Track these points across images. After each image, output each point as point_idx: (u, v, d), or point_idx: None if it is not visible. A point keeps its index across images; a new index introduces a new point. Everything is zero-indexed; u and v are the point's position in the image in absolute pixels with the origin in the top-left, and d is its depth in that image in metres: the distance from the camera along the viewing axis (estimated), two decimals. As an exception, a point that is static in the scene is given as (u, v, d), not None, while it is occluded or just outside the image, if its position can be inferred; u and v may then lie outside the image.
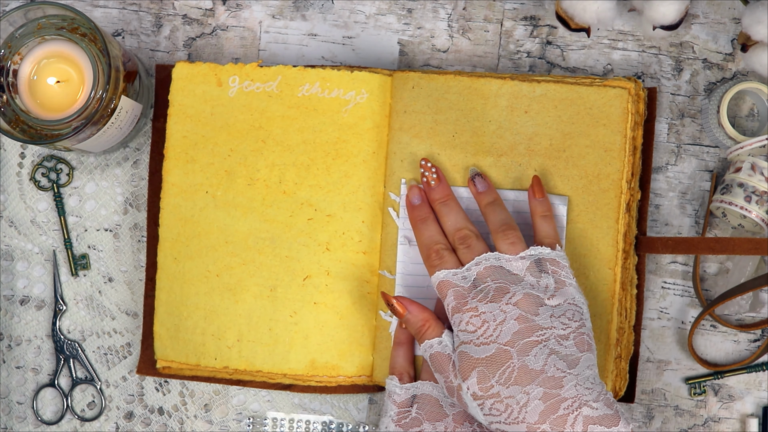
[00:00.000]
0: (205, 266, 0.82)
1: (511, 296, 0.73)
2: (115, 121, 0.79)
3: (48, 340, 0.87)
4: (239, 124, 0.82)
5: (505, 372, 0.70)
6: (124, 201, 0.87)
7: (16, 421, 0.87)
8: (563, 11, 0.81)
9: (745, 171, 0.82)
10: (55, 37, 0.78)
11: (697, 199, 0.87)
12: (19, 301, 0.87)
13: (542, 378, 0.70)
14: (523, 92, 0.81)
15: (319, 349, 0.81)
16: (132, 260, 0.87)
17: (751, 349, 0.87)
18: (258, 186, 0.82)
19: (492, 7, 0.87)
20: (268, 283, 0.81)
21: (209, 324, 0.81)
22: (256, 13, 0.87)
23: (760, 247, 0.76)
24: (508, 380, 0.70)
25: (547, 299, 0.73)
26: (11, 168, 0.87)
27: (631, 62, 0.87)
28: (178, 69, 0.82)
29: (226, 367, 0.82)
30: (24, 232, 0.87)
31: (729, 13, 0.87)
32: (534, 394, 0.69)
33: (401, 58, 0.87)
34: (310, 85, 0.82)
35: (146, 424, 0.87)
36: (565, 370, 0.70)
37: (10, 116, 0.78)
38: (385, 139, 0.82)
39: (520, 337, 0.71)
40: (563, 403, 0.69)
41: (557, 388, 0.69)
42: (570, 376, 0.70)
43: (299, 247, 0.81)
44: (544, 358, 0.70)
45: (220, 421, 0.87)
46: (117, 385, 0.87)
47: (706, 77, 0.87)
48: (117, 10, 0.88)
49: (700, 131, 0.87)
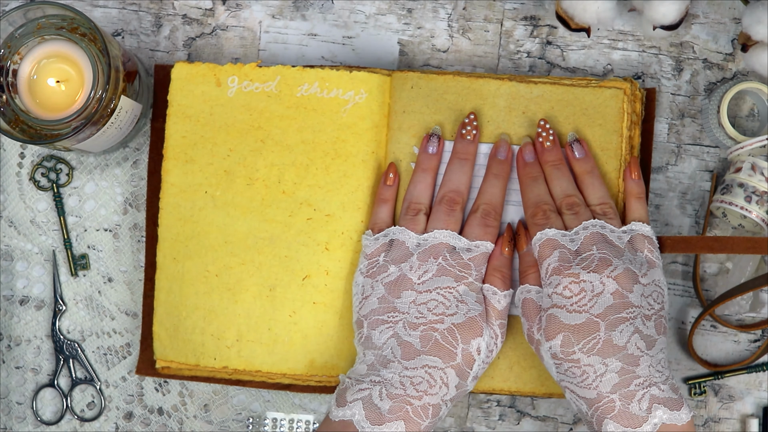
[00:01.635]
0: (204, 266, 0.82)
1: (613, 269, 0.73)
2: (115, 121, 0.79)
3: (48, 341, 0.87)
4: (238, 124, 0.82)
5: (590, 342, 0.72)
6: (123, 201, 0.87)
7: (16, 421, 0.87)
8: (563, 11, 0.81)
9: (746, 171, 0.82)
10: (55, 37, 0.78)
11: (697, 199, 0.87)
12: (18, 301, 0.87)
13: (623, 354, 0.72)
14: (520, 93, 0.81)
15: (319, 348, 0.81)
16: (131, 260, 0.87)
17: (751, 350, 0.87)
18: (257, 186, 0.82)
19: (492, 7, 0.87)
20: (267, 282, 0.81)
21: (208, 324, 0.81)
22: (256, 13, 0.87)
23: (760, 246, 0.76)
24: (591, 350, 0.72)
25: (641, 277, 0.74)
26: (11, 168, 0.87)
27: (631, 62, 0.87)
28: (178, 69, 0.82)
29: (226, 367, 0.82)
30: (24, 232, 0.87)
31: (729, 13, 0.87)
32: (612, 366, 0.72)
33: (401, 58, 0.87)
34: (309, 85, 0.82)
35: (146, 424, 0.87)
36: (644, 350, 0.72)
37: (9, 116, 0.78)
38: (384, 139, 0.82)
39: (611, 312, 0.73)
40: (636, 380, 0.72)
41: (633, 366, 0.72)
42: (646, 357, 0.72)
43: (298, 247, 0.81)
44: (628, 336, 0.72)
45: (220, 421, 0.87)
46: (117, 385, 0.87)
47: (706, 77, 0.87)
48: (117, 10, 0.88)
49: (700, 131, 0.87)
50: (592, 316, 0.72)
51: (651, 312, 0.74)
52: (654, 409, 0.71)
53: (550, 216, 0.77)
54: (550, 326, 0.73)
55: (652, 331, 0.73)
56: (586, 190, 0.79)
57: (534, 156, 0.80)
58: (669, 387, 0.72)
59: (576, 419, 0.87)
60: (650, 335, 0.73)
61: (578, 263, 0.74)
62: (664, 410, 0.71)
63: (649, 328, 0.73)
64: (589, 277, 0.73)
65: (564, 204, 0.78)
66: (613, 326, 0.72)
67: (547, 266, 0.75)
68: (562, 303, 0.73)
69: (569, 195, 0.78)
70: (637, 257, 0.76)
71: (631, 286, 0.73)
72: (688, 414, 0.72)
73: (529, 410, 0.87)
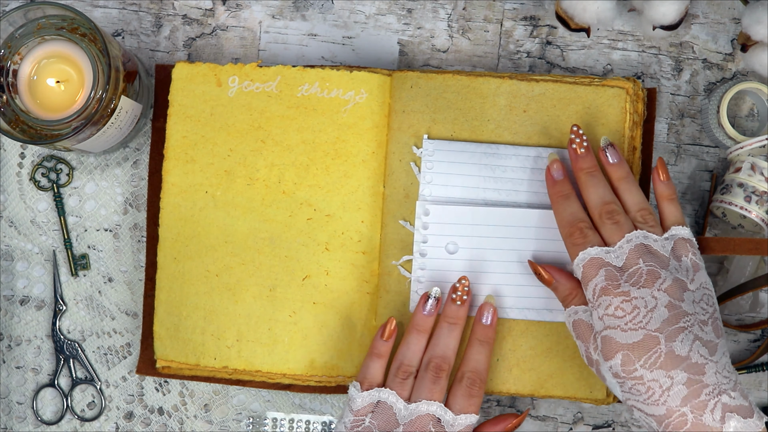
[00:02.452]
0: (204, 266, 0.82)
1: (662, 282, 0.71)
2: (115, 121, 0.79)
3: (48, 340, 0.87)
4: (239, 124, 0.82)
5: (651, 357, 0.70)
6: (124, 201, 0.87)
7: (16, 421, 0.87)
8: (563, 11, 0.81)
9: (745, 171, 0.82)
10: (55, 37, 0.78)
11: (697, 199, 0.87)
12: (19, 301, 0.87)
13: (686, 364, 0.69)
14: (521, 91, 0.81)
15: (319, 349, 0.81)
16: (132, 260, 0.87)
17: (751, 349, 0.87)
18: (257, 186, 0.82)
19: (492, 7, 0.87)
20: (267, 282, 0.81)
21: (209, 324, 0.81)
22: (256, 13, 0.88)
23: (761, 247, 0.76)
24: (654, 365, 0.69)
25: (689, 283, 0.72)
26: (11, 168, 0.87)
27: (631, 62, 0.87)
28: (178, 69, 0.82)
29: (226, 367, 0.82)
30: (24, 232, 0.87)
31: (729, 13, 0.87)
32: (678, 379, 0.69)
33: (401, 58, 0.87)
34: (310, 85, 0.82)
35: (146, 424, 0.87)
36: (707, 356, 0.70)
37: (10, 116, 0.78)
38: (385, 138, 0.82)
39: (668, 324, 0.70)
40: (705, 389, 0.69)
41: (700, 375, 0.69)
42: (711, 363, 0.70)
43: (298, 247, 0.81)
44: (689, 344, 0.70)
45: (220, 421, 0.87)
46: (117, 385, 0.87)
47: (706, 77, 0.87)
48: (117, 10, 0.88)
49: (700, 131, 0.87)
50: (649, 332, 0.70)
51: (706, 316, 0.71)
52: (728, 419, 0.68)
53: (587, 234, 0.74)
54: (606, 347, 0.71)
55: (711, 336, 0.71)
56: (623, 196, 0.76)
57: (563, 173, 0.78)
58: (739, 393, 0.70)
59: (576, 419, 0.87)
60: (710, 340, 0.71)
61: (626, 280, 0.72)
62: (737, 419, 0.68)
63: (708, 333, 0.71)
64: (640, 293, 0.71)
65: (604, 212, 0.75)
66: (672, 338, 0.70)
67: (594, 287, 0.72)
68: (616, 324, 0.71)
69: (608, 202, 0.75)
70: (682, 263, 0.73)
71: (681, 294, 0.71)
72: (761, 421, 0.69)
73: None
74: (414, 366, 0.77)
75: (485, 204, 0.81)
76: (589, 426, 0.87)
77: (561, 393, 0.80)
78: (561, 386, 0.80)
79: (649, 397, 0.69)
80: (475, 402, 0.76)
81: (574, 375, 0.80)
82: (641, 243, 0.73)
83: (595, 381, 0.80)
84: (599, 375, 0.73)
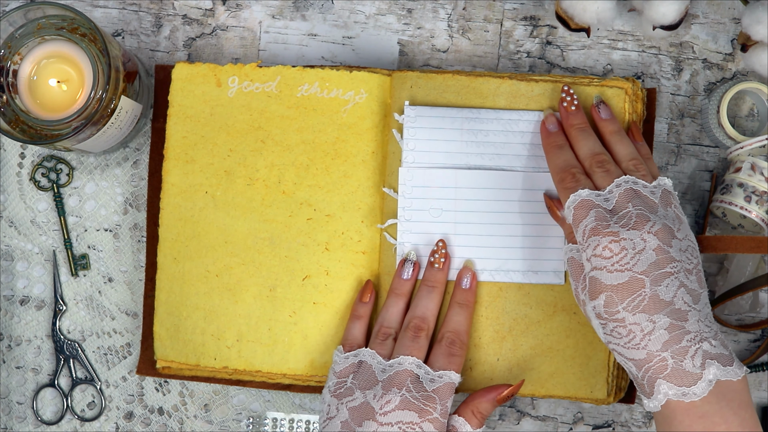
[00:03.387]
0: (204, 266, 0.82)
1: (651, 225, 0.71)
2: (115, 121, 0.79)
3: (48, 340, 0.87)
4: (239, 124, 0.82)
5: (635, 300, 0.70)
6: (124, 201, 0.87)
7: (16, 421, 0.87)
8: (563, 11, 0.81)
9: (745, 171, 0.82)
10: (55, 38, 0.78)
11: (697, 199, 0.87)
12: (19, 301, 0.87)
13: (670, 309, 0.69)
14: (521, 91, 0.81)
15: (319, 349, 0.81)
16: (132, 260, 0.87)
17: (751, 349, 0.87)
18: (257, 186, 0.82)
19: (492, 7, 0.87)
20: (267, 283, 0.81)
21: (209, 324, 0.81)
22: (256, 13, 0.88)
23: (761, 245, 0.76)
24: (636, 308, 0.70)
25: (677, 232, 0.73)
26: (11, 168, 0.87)
27: (631, 62, 0.87)
28: (178, 69, 0.82)
29: (226, 367, 0.82)
30: (24, 232, 0.87)
31: (729, 13, 0.87)
32: (660, 323, 0.69)
33: (401, 58, 0.87)
34: (309, 85, 0.82)
35: (146, 424, 0.87)
36: (691, 304, 0.70)
37: (10, 116, 0.78)
38: (384, 138, 0.82)
39: (655, 268, 0.70)
40: (686, 336, 0.69)
41: (682, 321, 0.69)
42: (694, 311, 0.70)
43: (298, 247, 0.81)
44: (674, 290, 0.70)
45: (220, 421, 0.87)
46: (117, 385, 0.87)
47: (706, 77, 0.87)
48: (117, 11, 0.88)
49: (700, 131, 0.87)
50: (635, 274, 0.70)
51: (691, 266, 0.72)
52: (708, 365, 0.68)
53: (579, 178, 0.75)
54: (592, 287, 0.71)
55: (695, 285, 0.71)
56: (614, 148, 0.77)
57: (557, 125, 0.79)
58: (720, 342, 0.69)
59: (576, 419, 0.87)
60: (694, 289, 0.71)
61: (616, 221, 0.72)
62: (717, 366, 0.68)
63: (693, 282, 0.71)
64: (629, 234, 0.71)
65: (594, 162, 0.76)
66: (658, 282, 0.70)
67: (584, 228, 0.73)
68: (602, 264, 0.71)
69: (598, 153, 0.76)
70: (669, 212, 0.74)
71: (669, 240, 0.71)
72: (741, 369, 0.69)
73: (529, 410, 0.87)
74: (393, 328, 0.78)
75: (468, 168, 0.82)
76: (589, 426, 0.87)
77: (561, 393, 0.80)
78: (561, 386, 0.81)
79: (630, 341, 0.70)
80: (456, 361, 0.77)
81: (574, 375, 0.80)
82: (631, 188, 0.74)
83: (595, 381, 0.80)
84: (585, 315, 0.74)
